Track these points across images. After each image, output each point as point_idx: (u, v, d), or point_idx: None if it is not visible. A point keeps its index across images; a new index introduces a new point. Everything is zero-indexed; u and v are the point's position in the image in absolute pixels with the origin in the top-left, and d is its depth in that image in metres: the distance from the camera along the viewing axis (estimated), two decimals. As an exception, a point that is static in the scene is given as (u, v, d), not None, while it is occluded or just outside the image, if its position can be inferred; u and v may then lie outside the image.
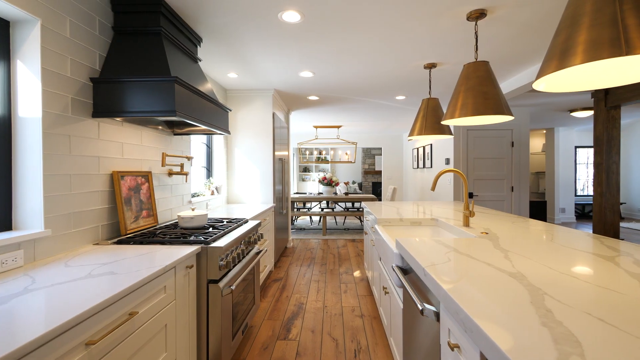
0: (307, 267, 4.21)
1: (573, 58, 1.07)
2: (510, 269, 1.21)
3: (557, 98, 4.62)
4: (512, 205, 5.12)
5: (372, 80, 3.65)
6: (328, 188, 6.90)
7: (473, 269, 1.22)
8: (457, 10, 2.09)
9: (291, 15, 2.14)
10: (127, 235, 1.93)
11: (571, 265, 1.25)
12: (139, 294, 1.24)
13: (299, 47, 2.71)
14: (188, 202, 2.94)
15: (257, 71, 3.32)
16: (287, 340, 2.42)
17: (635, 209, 8.00)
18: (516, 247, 1.55)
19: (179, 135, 2.73)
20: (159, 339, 1.40)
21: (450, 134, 3.03)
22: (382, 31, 2.39)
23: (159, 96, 1.78)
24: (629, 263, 1.28)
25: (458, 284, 1.06)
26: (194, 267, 1.71)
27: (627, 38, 0.97)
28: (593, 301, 0.91)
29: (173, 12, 2.09)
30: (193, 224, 2.16)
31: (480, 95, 2.00)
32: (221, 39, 2.55)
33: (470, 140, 5.11)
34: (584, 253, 1.44)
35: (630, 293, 0.97)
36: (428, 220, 2.56)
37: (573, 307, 0.88)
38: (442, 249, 1.51)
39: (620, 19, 1.00)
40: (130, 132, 2.11)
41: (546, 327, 0.77)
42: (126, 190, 2.01)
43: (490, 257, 1.38)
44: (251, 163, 4.06)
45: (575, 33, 1.09)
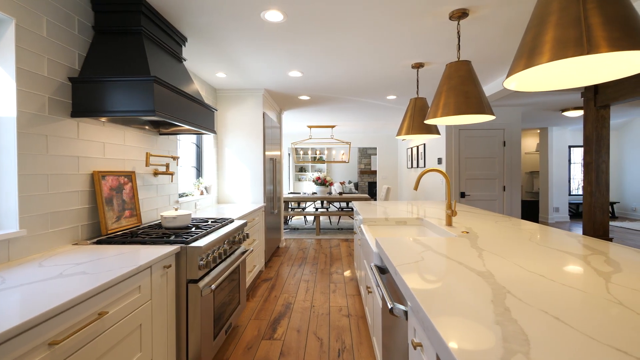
0: (298, 267, 4.21)
1: (540, 57, 1.07)
2: (480, 267, 1.22)
3: (548, 97, 4.63)
4: (503, 204, 5.13)
5: (361, 80, 3.65)
6: (322, 188, 6.90)
7: (443, 267, 1.22)
8: (439, 10, 2.10)
9: (274, 14, 2.14)
10: (107, 235, 1.93)
11: (542, 264, 1.25)
12: (110, 294, 1.24)
13: (285, 47, 2.71)
14: (175, 202, 2.94)
15: (245, 71, 3.32)
16: (272, 340, 2.42)
17: (630, 208, 8.03)
18: (492, 246, 1.55)
19: (165, 135, 2.73)
20: (133, 339, 1.40)
21: (437, 134, 3.04)
22: (366, 31, 2.39)
23: (137, 96, 1.78)
24: (600, 262, 1.28)
25: (424, 283, 1.06)
26: (172, 266, 1.71)
27: (590, 37, 0.97)
28: (554, 299, 0.91)
29: (155, 11, 2.09)
30: (176, 224, 2.16)
31: (462, 95, 2.01)
32: (207, 39, 2.55)
33: (462, 140, 5.12)
34: (559, 252, 1.44)
35: (593, 291, 0.97)
36: (413, 220, 2.56)
37: (532, 305, 0.88)
38: (418, 248, 1.51)
39: (584, 17, 1.00)
40: (112, 132, 2.10)
41: (499, 325, 0.77)
42: (107, 190, 2.01)
43: (464, 256, 1.38)
44: (241, 163, 4.06)
45: (542, 32, 1.09)
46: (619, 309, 0.85)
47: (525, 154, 8.63)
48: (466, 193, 5.14)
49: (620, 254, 1.39)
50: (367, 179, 12.09)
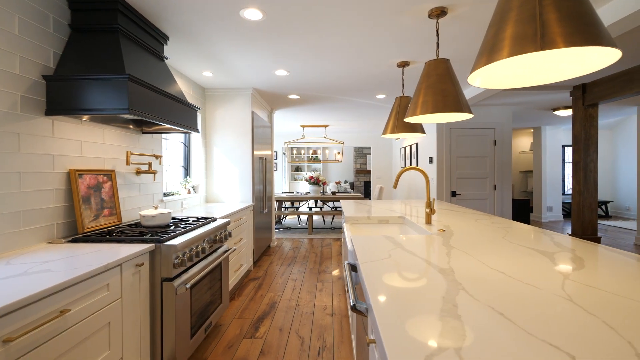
0: (287, 266, 4.21)
1: (500, 53, 1.07)
2: (444, 265, 1.22)
3: (538, 97, 4.63)
4: (494, 204, 5.13)
5: (349, 79, 3.65)
6: (315, 187, 6.90)
7: (407, 264, 1.22)
8: (418, 8, 2.09)
9: (253, 13, 2.14)
10: (84, 233, 1.92)
11: (506, 262, 1.25)
12: (73, 292, 1.24)
13: (268, 46, 2.71)
14: (159, 201, 2.93)
15: (232, 70, 3.32)
16: (253, 338, 2.41)
17: (623, 207, 8.03)
18: (464, 244, 1.55)
19: (148, 134, 2.73)
20: (101, 337, 1.39)
21: (422, 132, 3.03)
22: (346, 30, 2.39)
23: (112, 94, 1.77)
24: (566, 259, 1.28)
25: (383, 279, 1.05)
26: (144, 265, 1.70)
27: (544, 33, 0.97)
28: (505, 296, 0.91)
29: (133, 10, 2.08)
30: (155, 223, 2.16)
31: (440, 93, 2.00)
32: (189, 38, 2.54)
33: (452, 139, 5.12)
34: (529, 250, 1.44)
35: (547, 288, 0.97)
36: (395, 219, 2.56)
37: (481, 301, 0.88)
38: (388, 246, 1.51)
39: (539, 14, 1.00)
40: (90, 130, 2.10)
41: (441, 321, 0.77)
42: (85, 189, 2.00)
43: (432, 253, 1.38)
44: (230, 162, 4.06)
45: (502, 28, 1.09)
46: (567, 305, 0.85)
47: (520, 153, 8.64)
48: (457, 192, 5.14)
49: (590, 252, 1.39)
50: (362, 178, 12.09)
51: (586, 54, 1.10)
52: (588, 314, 0.80)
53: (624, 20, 1.99)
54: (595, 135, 3.99)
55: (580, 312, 0.81)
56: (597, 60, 1.08)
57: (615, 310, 0.82)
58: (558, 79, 1.19)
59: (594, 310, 0.82)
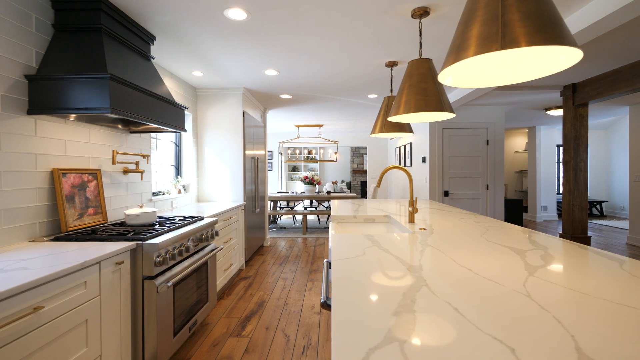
0: (279, 266, 4.22)
1: (466, 52, 1.09)
2: (414, 262, 1.23)
3: (530, 96, 4.64)
4: (487, 203, 5.14)
5: (339, 79, 3.66)
6: (310, 187, 6.91)
7: (379, 262, 1.23)
8: (401, 8, 2.11)
9: (237, 12, 2.15)
10: (67, 232, 1.93)
11: (477, 259, 1.26)
12: (48, 289, 1.25)
13: (255, 46, 2.72)
14: (148, 200, 2.94)
15: (221, 70, 3.33)
16: (239, 337, 2.43)
17: (618, 207, 8.05)
18: (440, 242, 1.56)
19: (136, 133, 2.74)
20: (78, 334, 1.41)
21: (410, 132, 3.04)
22: (331, 30, 2.40)
23: (94, 93, 1.78)
24: (536, 257, 1.29)
25: (350, 276, 1.07)
26: (125, 263, 1.71)
27: (505, 33, 0.99)
28: (466, 292, 0.93)
29: (118, 10, 2.09)
30: (139, 221, 2.17)
31: (421, 92, 2.02)
32: (176, 37, 2.55)
33: (445, 139, 5.14)
34: (503, 247, 1.45)
35: (509, 284, 0.99)
36: (381, 217, 2.57)
37: (440, 297, 0.89)
38: (365, 244, 1.53)
39: (501, 14, 1.01)
40: (75, 130, 2.11)
41: (396, 315, 0.78)
42: (69, 188, 2.01)
43: (405, 251, 1.39)
44: (221, 162, 4.07)
45: (468, 27, 1.10)
46: (523, 300, 0.87)
47: (515, 153, 8.65)
48: (450, 191, 5.16)
49: (563, 250, 1.41)
50: (359, 178, 12.11)
51: (551, 54, 1.11)
52: (541, 309, 0.81)
53: (605, 20, 2.00)
54: (586, 134, 4.01)
55: (534, 308, 0.82)
56: (561, 60, 1.09)
57: (569, 305, 0.83)
58: (525, 78, 1.20)
59: (548, 306, 0.83)
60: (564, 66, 1.09)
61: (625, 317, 0.77)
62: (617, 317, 0.77)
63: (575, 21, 2.18)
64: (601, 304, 0.84)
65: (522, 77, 1.20)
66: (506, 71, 1.23)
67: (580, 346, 0.64)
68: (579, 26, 2.14)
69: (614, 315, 0.77)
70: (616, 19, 1.97)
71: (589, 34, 2.18)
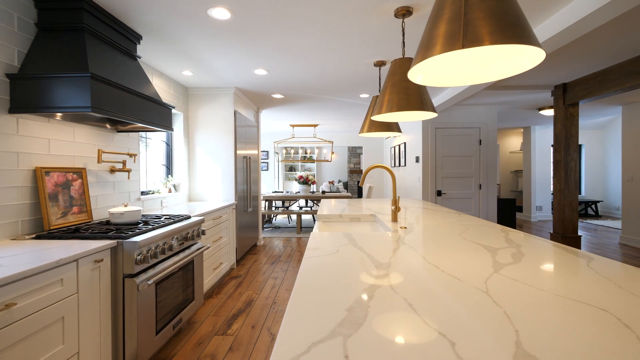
0: (271, 265, 4.23)
1: (433, 50, 1.09)
2: (384, 260, 1.24)
3: (522, 96, 4.65)
4: (479, 203, 5.15)
5: (329, 79, 3.67)
6: (305, 187, 6.92)
7: (349, 260, 1.24)
8: (384, 7, 2.11)
9: (220, 12, 2.16)
10: (49, 230, 1.94)
11: (448, 257, 1.27)
12: (20, 286, 1.26)
13: (242, 46, 2.72)
14: (137, 199, 2.95)
15: (210, 69, 3.33)
16: (224, 335, 2.43)
17: (613, 207, 8.06)
18: (416, 241, 1.57)
19: (123, 132, 2.74)
20: (53, 331, 1.41)
21: (398, 131, 3.05)
22: (318, 30, 2.41)
23: (75, 92, 1.79)
24: (507, 255, 1.30)
25: (317, 273, 1.07)
26: (104, 261, 1.72)
27: (466, 31, 0.99)
28: (426, 289, 0.93)
29: (102, 9, 2.10)
30: (123, 220, 2.17)
31: (403, 91, 2.02)
32: (163, 37, 2.56)
33: (438, 138, 5.14)
34: (477, 245, 1.46)
35: (471, 281, 0.99)
36: (367, 217, 2.58)
37: (399, 293, 0.90)
38: (342, 242, 1.53)
39: (464, 13, 1.02)
40: (58, 129, 2.12)
41: (349, 311, 0.79)
42: (52, 187, 2.02)
43: (379, 249, 1.40)
44: (213, 161, 4.08)
45: (436, 25, 1.11)
46: (480, 297, 0.87)
47: (510, 153, 8.66)
48: (442, 191, 5.16)
49: (535, 248, 1.41)
50: (356, 178, 12.11)
51: (516, 54, 1.12)
52: (495, 305, 0.82)
53: (588, 18, 2.01)
54: (576, 134, 4.01)
55: (488, 304, 0.83)
56: (525, 60, 1.10)
57: (523, 302, 0.84)
58: (493, 78, 1.21)
59: (502, 302, 0.84)
60: (528, 66, 1.10)
61: (576, 312, 0.78)
62: (568, 312, 0.78)
63: (560, 19, 2.18)
64: (555, 300, 0.85)
65: (490, 77, 1.21)
66: (475, 71, 1.24)
67: (520, 340, 0.65)
68: (562, 25, 2.15)
69: (565, 311, 0.78)
70: (599, 17, 1.97)
71: (573, 33, 2.19)
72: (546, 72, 3.63)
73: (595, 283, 0.98)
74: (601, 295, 0.88)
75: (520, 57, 1.11)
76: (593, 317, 0.75)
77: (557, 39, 2.29)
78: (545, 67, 3.47)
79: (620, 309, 0.79)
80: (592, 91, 3.65)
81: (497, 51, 1.14)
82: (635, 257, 4.65)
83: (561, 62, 3.29)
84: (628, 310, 0.78)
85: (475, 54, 1.19)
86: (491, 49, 1.14)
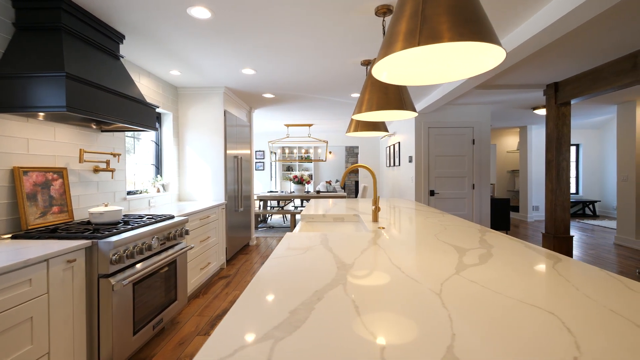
0: (261, 264, 4.22)
1: (394, 47, 1.08)
2: (349, 261, 1.22)
3: (515, 95, 4.62)
4: (473, 202, 5.12)
5: (318, 78, 3.65)
6: (300, 186, 6.91)
7: (313, 260, 1.22)
8: (364, 6, 2.10)
9: (200, 11, 2.14)
10: (27, 230, 1.94)
11: (414, 257, 1.26)
12: (-16, 286, 1.25)
13: (227, 45, 2.71)
14: (122, 199, 2.95)
15: (198, 69, 3.33)
16: (207, 335, 2.42)
17: (611, 207, 8.01)
18: (389, 241, 1.56)
19: (108, 132, 2.74)
20: (20, 332, 1.41)
21: (385, 131, 3.04)
22: (301, 29, 2.40)
23: (50, 91, 1.79)
24: (474, 256, 1.29)
25: (275, 273, 1.06)
26: (77, 261, 1.71)
27: (422, 29, 0.98)
28: (379, 290, 0.92)
29: (81, 9, 2.10)
30: (103, 220, 2.17)
31: (382, 90, 2.01)
32: (148, 36, 2.55)
33: (431, 138, 5.12)
34: (449, 246, 1.45)
35: (428, 283, 0.98)
36: (351, 217, 2.57)
37: (349, 294, 0.88)
38: (314, 242, 1.52)
39: (422, 9, 1.01)
40: (38, 128, 2.11)
41: (291, 313, 0.77)
42: (30, 186, 2.02)
43: (348, 249, 1.39)
44: (203, 161, 4.07)
45: (398, 22, 1.10)
46: (430, 298, 0.86)
47: (507, 152, 8.62)
48: (435, 191, 5.14)
49: (506, 250, 1.40)
50: (354, 177, 12.09)
51: (478, 54, 1.10)
52: (442, 307, 0.81)
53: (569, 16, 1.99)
54: (568, 133, 3.98)
55: (437, 306, 0.81)
56: (488, 60, 1.08)
57: (472, 304, 0.82)
58: (456, 78, 1.19)
59: (450, 305, 0.82)
60: (490, 66, 1.08)
61: (522, 315, 0.76)
62: (514, 315, 0.76)
63: (546, 15, 2.15)
64: (505, 303, 0.83)
65: (453, 76, 1.19)
66: (439, 69, 1.23)
67: (453, 345, 0.63)
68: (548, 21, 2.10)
69: (512, 314, 0.77)
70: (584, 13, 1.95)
71: (560, 29, 2.16)
72: (537, 71, 3.60)
73: (554, 285, 0.96)
74: (554, 298, 0.86)
75: (483, 57, 1.10)
76: (538, 320, 0.74)
77: (543, 36, 2.26)
78: (535, 66, 3.44)
79: (568, 312, 0.78)
80: (583, 90, 3.62)
81: (459, 50, 1.13)
82: (629, 257, 4.61)
83: (552, 60, 3.26)
84: (576, 314, 0.77)
85: (438, 53, 1.17)
86: (452, 48, 1.13)
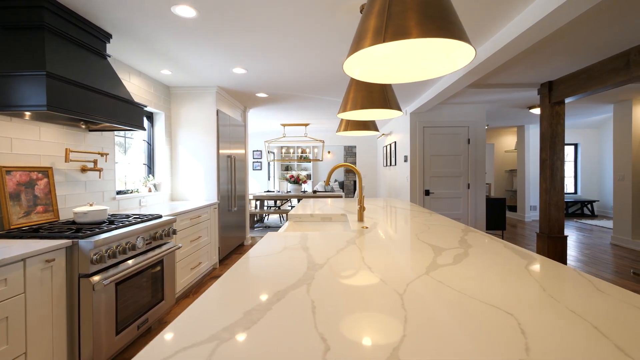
0: (254, 265, 4.21)
1: (363, 43, 1.06)
2: (321, 261, 1.21)
3: (510, 95, 4.59)
4: (468, 202, 5.10)
5: (311, 77, 3.64)
6: (296, 186, 6.90)
7: (287, 261, 1.21)
8: (348, 5, 2.08)
9: (184, 10, 2.13)
10: (9, 230, 1.93)
11: (389, 258, 1.24)
12: (-45, 286, 1.24)
13: (215, 44, 2.70)
14: (111, 198, 2.94)
15: (189, 68, 3.32)
16: (193, 335, 2.41)
17: (609, 206, 7.96)
18: (368, 241, 1.54)
19: (96, 131, 2.73)
20: (-5, 332, 1.40)
21: (375, 131, 3.02)
22: (287, 28, 2.38)
23: (32, 90, 1.78)
24: (449, 256, 1.27)
25: (241, 274, 1.05)
26: (57, 260, 1.71)
27: (387, 26, 0.96)
28: (344, 290, 0.91)
29: (65, 7, 2.09)
30: (88, 219, 2.16)
31: (366, 89, 1.99)
32: (135, 35, 2.54)
33: (426, 137, 5.10)
34: (427, 246, 1.43)
35: (394, 283, 0.97)
36: (338, 216, 2.55)
37: (311, 294, 0.87)
38: (292, 242, 1.51)
39: (388, 6, 0.99)
40: (22, 128, 2.11)
41: (244, 314, 0.76)
42: (14, 186, 2.01)
43: (324, 250, 1.37)
44: (195, 160, 4.06)
45: (368, 18, 1.08)
46: (392, 299, 0.85)
47: (505, 152, 8.58)
48: (431, 191, 5.12)
49: (483, 250, 1.38)
50: (352, 177, 12.07)
51: (449, 52, 1.09)
52: (401, 308, 0.79)
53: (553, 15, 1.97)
54: (562, 132, 3.96)
55: (395, 308, 0.80)
56: (456, 59, 1.07)
57: (433, 305, 0.81)
58: (427, 76, 1.18)
59: (410, 306, 0.81)
60: (459, 65, 1.07)
61: (479, 316, 0.74)
62: (471, 316, 0.75)
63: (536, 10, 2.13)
64: (465, 303, 0.82)
65: (424, 74, 1.18)
66: (409, 68, 1.21)
67: (400, 347, 0.62)
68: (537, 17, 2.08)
69: (468, 315, 0.75)
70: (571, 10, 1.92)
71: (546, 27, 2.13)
72: (531, 70, 3.57)
73: (521, 286, 0.94)
74: (517, 299, 0.85)
75: (453, 56, 1.08)
76: (494, 321, 0.72)
77: (532, 33, 2.24)
78: (529, 65, 3.41)
79: (527, 313, 0.76)
80: (577, 89, 3.59)
81: (429, 48, 1.11)
82: (625, 257, 4.58)
83: (545, 59, 3.24)
84: (534, 315, 0.75)
85: (408, 50, 1.15)
86: (421, 46, 1.11)
